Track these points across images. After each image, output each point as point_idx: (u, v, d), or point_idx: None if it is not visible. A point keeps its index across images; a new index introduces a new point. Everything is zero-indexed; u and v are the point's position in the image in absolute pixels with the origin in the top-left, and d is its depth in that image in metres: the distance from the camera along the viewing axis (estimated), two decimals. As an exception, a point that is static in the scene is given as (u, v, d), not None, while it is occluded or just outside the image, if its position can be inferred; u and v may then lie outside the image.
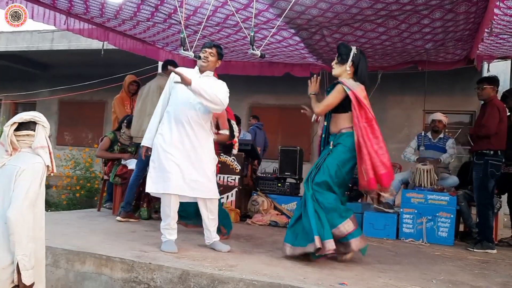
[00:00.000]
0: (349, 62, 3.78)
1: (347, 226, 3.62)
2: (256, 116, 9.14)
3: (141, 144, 3.81)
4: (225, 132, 4.53)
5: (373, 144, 3.64)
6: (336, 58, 3.88)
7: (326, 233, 3.50)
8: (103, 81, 9.92)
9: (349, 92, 3.69)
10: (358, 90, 3.72)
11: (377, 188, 3.69)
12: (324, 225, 3.53)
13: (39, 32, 10.38)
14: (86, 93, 10.57)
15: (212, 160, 3.83)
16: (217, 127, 4.52)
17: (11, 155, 2.24)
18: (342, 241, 3.64)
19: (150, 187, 3.67)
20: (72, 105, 12.35)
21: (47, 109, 12.76)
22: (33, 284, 2.14)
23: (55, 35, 10.34)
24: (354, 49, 3.82)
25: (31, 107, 12.98)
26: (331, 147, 3.77)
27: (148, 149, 3.78)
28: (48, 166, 2.23)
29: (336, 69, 3.86)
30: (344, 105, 3.76)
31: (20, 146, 2.26)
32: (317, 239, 3.44)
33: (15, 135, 2.24)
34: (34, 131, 2.26)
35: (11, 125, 2.23)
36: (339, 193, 3.74)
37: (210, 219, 3.79)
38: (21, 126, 2.25)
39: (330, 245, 3.48)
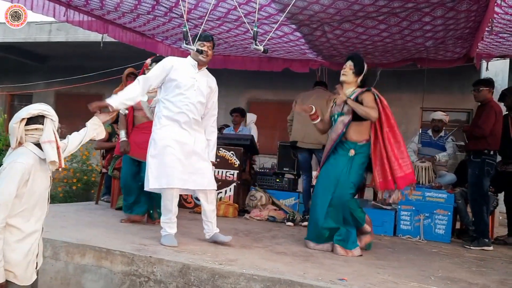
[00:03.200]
0: (361, 77, 4.07)
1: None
2: None
3: (107, 101, 3.30)
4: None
5: (394, 149, 3.93)
6: (350, 66, 4.06)
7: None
8: (100, 74, 9.85)
9: (377, 100, 3.97)
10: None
11: (394, 189, 3.94)
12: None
13: (36, 24, 10.30)
14: (83, 85, 10.51)
15: (211, 164, 3.86)
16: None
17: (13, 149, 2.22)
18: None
19: (153, 183, 3.63)
20: (69, 98, 12.28)
21: (43, 101, 12.42)
22: (1, 284, 2.12)
23: (52, 27, 10.25)
24: (365, 64, 4.09)
25: (27, 99, 12.89)
26: (351, 155, 3.96)
27: (111, 108, 3.25)
28: (54, 161, 2.18)
29: (349, 77, 4.07)
30: None
31: (26, 140, 2.22)
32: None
33: (24, 129, 2.20)
34: (43, 124, 2.22)
35: (20, 121, 2.19)
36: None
37: (211, 210, 3.81)
38: (30, 120, 2.20)
39: None
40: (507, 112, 5.35)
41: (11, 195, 2.10)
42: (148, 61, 4.71)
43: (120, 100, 3.41)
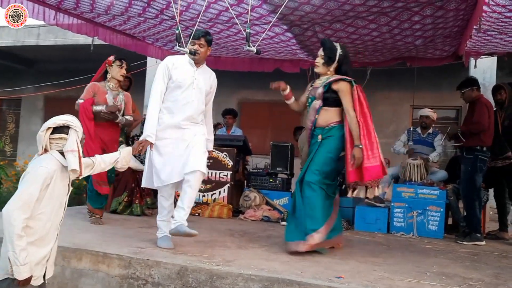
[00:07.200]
0: (335, 64, 3.88)
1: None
2: None
3: (146, 139, 3.53)
4: (130, 117, 4.79)
5: (365, 139, 3.74)
6: (321, 56, 3.89)
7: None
8: (89, 77, 9.77)
9: (354, 87, 3.81)
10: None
11: (360, 181, 3.81)
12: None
13: (25, 27, 10.20)
14: (73, 89, 10.42)
15: (205, 152, 3.79)
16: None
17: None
18: None
19: (156, 181, 3.64)
20: (58, 102, 12.14)
21: (32, 105, 12.58)
22: (28, 278, 2.20)
23: (41, 30, 10.18)
24: (339, 49, 3.88)
25: (16, 103, 12.79)
26: (319, 140, 3.82)
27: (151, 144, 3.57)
28: (75, 170, 2.29)
29: (321, 68, 3.92)
30: (337, 100, 3.83)
31: (51, 148, 2.34)
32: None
33: (49, 138, 2.33)
34: (67, 134, 2.33)
35: (46, 130, 2.31)
36: (330, 185, 3.81)
37: (191, 197, 3.60)
38: (55, 129, 2.33)
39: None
40: (495, 108, 5.43)
41: (33, 196, 2.19)
42: (111, 58, 4.70)
43: (150, 131, 3.56)
